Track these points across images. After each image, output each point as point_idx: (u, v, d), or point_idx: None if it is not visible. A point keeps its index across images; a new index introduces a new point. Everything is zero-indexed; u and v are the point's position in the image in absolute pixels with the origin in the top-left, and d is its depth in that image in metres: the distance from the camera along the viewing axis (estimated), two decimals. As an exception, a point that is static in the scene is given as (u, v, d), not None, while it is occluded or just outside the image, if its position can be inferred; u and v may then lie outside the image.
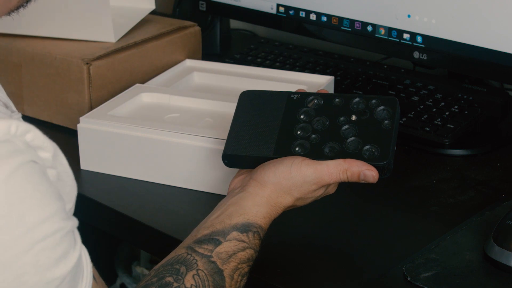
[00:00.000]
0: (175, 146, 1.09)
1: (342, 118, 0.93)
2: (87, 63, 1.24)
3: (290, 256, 0.98)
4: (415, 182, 1.13)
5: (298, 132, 0.93)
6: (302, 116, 0.94)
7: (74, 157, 1.16)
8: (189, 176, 1.10)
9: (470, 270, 0.91)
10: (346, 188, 1.12)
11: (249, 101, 0.97)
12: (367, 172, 0.90)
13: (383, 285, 0.92)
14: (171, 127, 1.11)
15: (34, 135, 0.69)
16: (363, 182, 0.90)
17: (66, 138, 1.23)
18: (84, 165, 1.16)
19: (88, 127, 1.14)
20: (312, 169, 0.90)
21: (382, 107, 0.92)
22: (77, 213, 1.17)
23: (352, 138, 0.91)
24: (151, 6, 1.40)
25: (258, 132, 0.95)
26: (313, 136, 0.93)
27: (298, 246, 1.00)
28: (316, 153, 0.92)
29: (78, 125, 1.15)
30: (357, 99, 0.93)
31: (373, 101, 0.93)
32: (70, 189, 0.74)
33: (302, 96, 0.95)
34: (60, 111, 1.26)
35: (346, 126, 0.92)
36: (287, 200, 0.91)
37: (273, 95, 0.97)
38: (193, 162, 1.09)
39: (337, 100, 0.94)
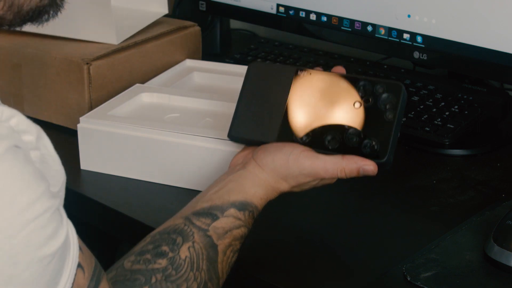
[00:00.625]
0: (175, 146, 1.09)
1: (345, 105, 0.92)
2: (87, 63, 1.24)
3: (290, 256, 0.98)
4: (415, 182, 1.13)
5: (300, 117, 0.94)
6: (306, 97, 0.94)
7: (74, 157, 1.16)
8: (189, 176, 1.10)
9: (470, 270, 0.91)
10: (346, 188, 1.12)
11: (257, 74, 0.97)
12: (366, 167, 0.90)
13: (383, 285, 0.92)
14: (171, 127, 1.11)
15: (18, 120, 0.71)
16: (363, 176, 0.91)
17: (66, 138, 1.23)
18: (84, 165, 1.16)
19: (88, 127, 1.14)
20: (309, 162, 0.91)
21: (386, 95, 0.91)
22: (77, 213, 1.17)
23: (353, 129, 0.91)
24: (164, 10, 1.40)
25: (263, 113, 0.95)
26: (315, 124, 0.93)
27: (298, 246, 1.00)
28: (316, 143, 0.92)
29: (78, 125, 1.15)
30: (362, 83, 0.92)
31: (378, 86, 0.92)
32: (55, 173, 0.75)
33: (308, 74, 0.95)
34: (60, 111, 1.26)
35: (348, 115, 0.92)
36: (283, 186, 0.93)
37: (281, 69, 0.96)
38: (193, 162, 1.09)
39: (343, 82, 0.93)
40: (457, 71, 1.32)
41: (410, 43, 1.28)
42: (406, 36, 1.29)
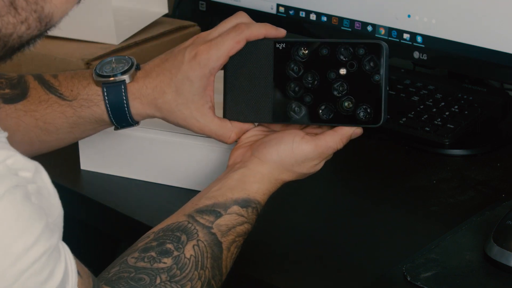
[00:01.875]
0: (175, 146, 1.09)
1: (332, 74, 0.93)
2: (87, 63, 1.24)
3: (290, 256, 0.98)
4: (415, 182, 1.13)
5: (291, 91, 0.95)
6: (291, 71, 0.95)
7: (74, 157, 1.16)
8: (189, 176, 1.10)
9: (470, 270, 0.91)
10: (346, 188, 1.12)
11: (237, 53, 0.96)
12: (357, 132, 0.94)
13: (383, 285, 0.92)
14: (171, 127, 1.10)
15: (15, 159, 0.69)
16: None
17: (66, 138, 1.23)
18: (84, 165, 1.16)
19: (88, 127, 1.14)
20: (313, 145, 0.93)
21: (369, 57, 0.92)
22: (77, 213, 1.17)
23: (345, 97, 0.93)
24: (164, 10, 1.40)
25: (252, 92, 0.96)
26: (307, 97, 0.94)
27: (297, 246, 1.00)
28: (312, 117, 0.94)
29: (78, 125, 1.15)
30: (342, 48, 0.93)
31: (360, 50, 0.92)
32: (50, 206, 0.74)
33: (288, 46, 0.95)
34: (60, 111, 1.26)
35: (337, 83, 0.93)
36: (288, 176, 0.94)
37: (259, 43, 0.96)
38: (193, 162, 1.09)
39: (323, 49, 0.94)
40: (457, 71, 1.32)
41: (410, 43, 1.28)
42: (406, 36, 1.29)
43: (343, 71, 0.93)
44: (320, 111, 0.94)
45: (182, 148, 1.09)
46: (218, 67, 0.95)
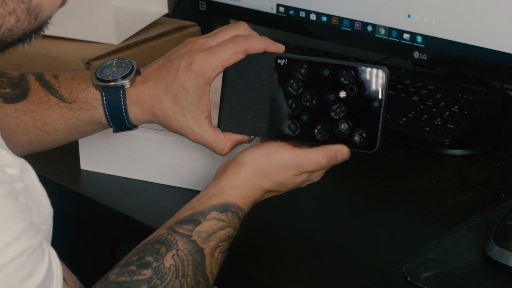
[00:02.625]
0: (175, 146, 1.09)
1: (331, 95, 0.93)
2: (87, 63, 1.24)
3: (290, 256, 0.98)
4: (415, 182, 1.13)
5: (289, 108, 0.94)
6: (290, 88, 0.94)
7: (74, 157, 1.16)
8: (189, 176, 1.10)
9: (470, 270, 0.91)
10: (346, 188, 1.12)
11: (237, 64, 0.96)
12: (343, 151, 0.92)
13: (383, 285, 0.92)
14: (171, 127, 1.11)
15: (1, 156, 0.69)
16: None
17: (66, 138, 1.23)
18: (84, 165, 1.16)
19: (88, 127, 1.14)
20: (291, 153, 0.91)
21: (370, 82, 0.92)
22: (77, 213, 1.17)
23: (342, 120, 0.92)
24: (164, 10, 1.40)
25: (249, 105, 0.95)
26: (304, 116, 0.93)
27: (298, 246, 1.00)
28: (307, 136, 0.93)
29: (78, 125, 1.15)
30: (345, 71, 0.93)
31: (361, 73, 0.92)
32: (39, 205, 0.74)
33: (289, 62, 0.95)
34: (60, 111, 1.26)
35: (335, 105, 0.93)
36: (266, 183, 0.92)
37: (260, 57, 0.95)
38: (193, 162, 1.09)
39: (325, 70, 0.93)
40: (457, 71, 1.32)
41: (410, 43, 1.28)
42: (406, 36, 1.29)
43: (343, 94, 0.92)
44: (316, 130, 0.93)
45: (181, 148, 1.09)
46: (213, 77, 0.94)
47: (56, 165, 1.17)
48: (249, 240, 0.93)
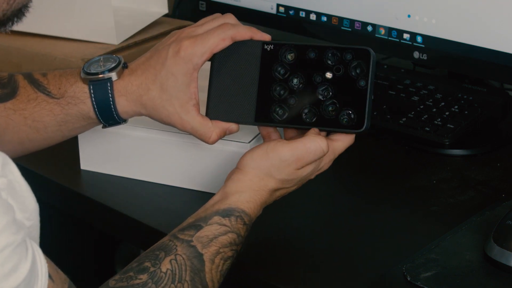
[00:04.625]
0: (175, 146, 1.09)
1: (317, 77, 0.93)
2: (87, 63, 1.24)
3: (290, 256, 0.98)
4: (415, 182, 1.13)
5: (275, 93, 0.94)
6: (277, 73, 0.95)
7: (74, 157, 1.16)
8: (189, 176, 1.10)
9: (470, 270, 0.91)
10: (346, 188, 1.12)
11: (224, 51, 0.96)
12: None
13: (383, 285, 0.92)
14: (171, 127, 1.10)
15: None
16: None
17: (66, 138, 1.23)
18: (84, 165, 1.16)
19: (88, 127, 1.14)
20: (288, 147, 0.91)
21: (355, 62, 0.92)
22: (77, 213, 1.17)
23: (329, 101, 0.92)
24: (164, 10, 1.40)
25: (237, 92, 0.96)
26: (291, 99, 0.93)
27: (298, 246, 1.00)
28: (295, 120, 0.93)
29: (78, 125, 1.15)
30: (330, 53, 0.93)
31: (346, 53, 0.92)
32: (23, 200, 0.73)
33: (276, 47, 0.95)
34: (60, 111, 1.26)
35: (322, 87, 0.93)
36: (271, 183, 0.92)
37: (247, 43, 0.96)
38: (193, 162, 1.09)
39: (311, 53, 0.94)
40: (457, 71, 1.32)
41: (410, 43, 1.28)
42: (406, 36, 1.29)
43: (329, 75, 0.93)
44: (304, 114, 0.93)
45: (182, 148, 1.09)
46: (201, 63, 0.94)
47: (56, 165, 1.17)
48: (249, 240, 0.93)
